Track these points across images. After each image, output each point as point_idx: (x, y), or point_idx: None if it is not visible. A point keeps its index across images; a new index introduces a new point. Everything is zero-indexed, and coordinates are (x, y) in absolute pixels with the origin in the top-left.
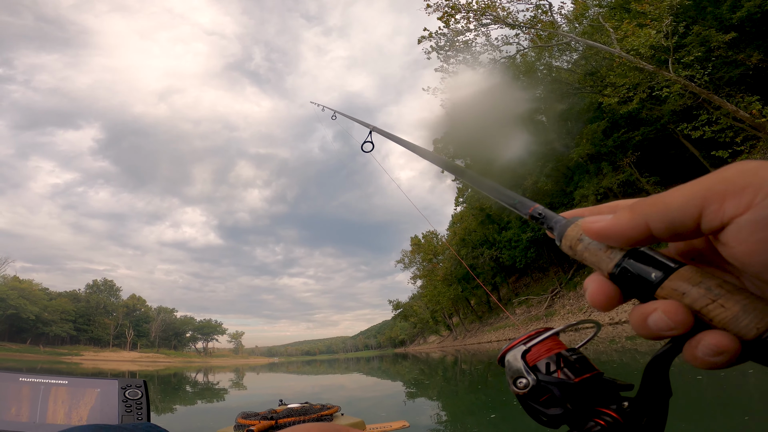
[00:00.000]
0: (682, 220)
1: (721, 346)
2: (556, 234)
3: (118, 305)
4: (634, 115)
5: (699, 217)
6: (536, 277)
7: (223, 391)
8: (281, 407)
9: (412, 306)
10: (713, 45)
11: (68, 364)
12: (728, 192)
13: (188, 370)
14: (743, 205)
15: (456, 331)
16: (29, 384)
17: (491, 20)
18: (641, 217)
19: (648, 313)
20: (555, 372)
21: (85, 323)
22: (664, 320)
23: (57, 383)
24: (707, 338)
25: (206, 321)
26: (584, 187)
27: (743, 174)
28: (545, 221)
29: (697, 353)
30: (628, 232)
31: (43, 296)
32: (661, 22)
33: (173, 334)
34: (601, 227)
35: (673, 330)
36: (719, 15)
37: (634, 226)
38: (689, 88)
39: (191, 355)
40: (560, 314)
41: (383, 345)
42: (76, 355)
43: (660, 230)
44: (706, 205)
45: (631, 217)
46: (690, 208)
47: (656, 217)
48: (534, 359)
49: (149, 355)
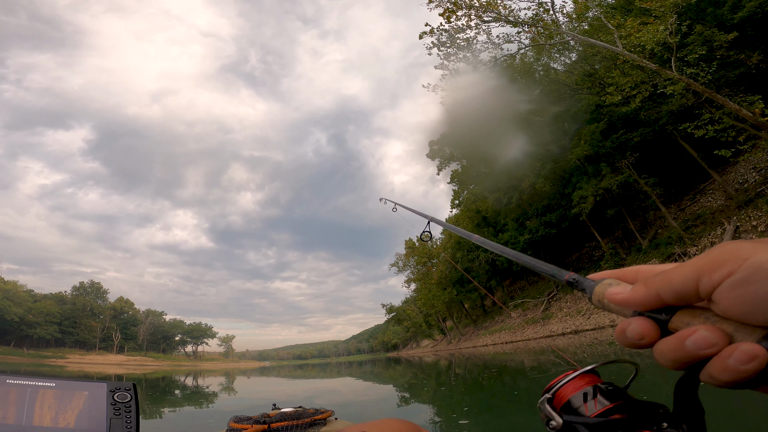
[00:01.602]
0: (684, 289)
1: (755, 350)
2: (587, 292)
3: (105, 308)
4: (632, 116)
5: (697, 286)
6: (531, 281)
7: (213, 395)
8: (274, 411)
9: (405, 310)
10: (715, 44)
11: (52, 366)
12: (714, 266)
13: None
14: (725, 272)
15: (450, 335)
16: (16, 386)
17: (493, 18)
18: (654, 290)
19: (687, 336)
20: (591, 400)
21: (71, 326)
22: (707, 335)
23: (44, 385)
24: (742, 347)
25: (196, 324)
26: (583, 189)
27: (724, 252)
28: (579, 284)
29: (729, 363)
30: (644, 302)
31: (27, 298)
32: (666, 20)
33: (162, 337)
34: (623, 299)
35: (712, 348)
36: (720, 15)
37: (649, 297)
38: (692, 87)
39: (180, 359)
40: (558, 317)
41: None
42: (61, 357)
43: (669, 298)
44: (700, 277)
45: (646, 291)
46: (689, 280)
47: (665, 290)
48: (569, 394)
49: (136, 359)
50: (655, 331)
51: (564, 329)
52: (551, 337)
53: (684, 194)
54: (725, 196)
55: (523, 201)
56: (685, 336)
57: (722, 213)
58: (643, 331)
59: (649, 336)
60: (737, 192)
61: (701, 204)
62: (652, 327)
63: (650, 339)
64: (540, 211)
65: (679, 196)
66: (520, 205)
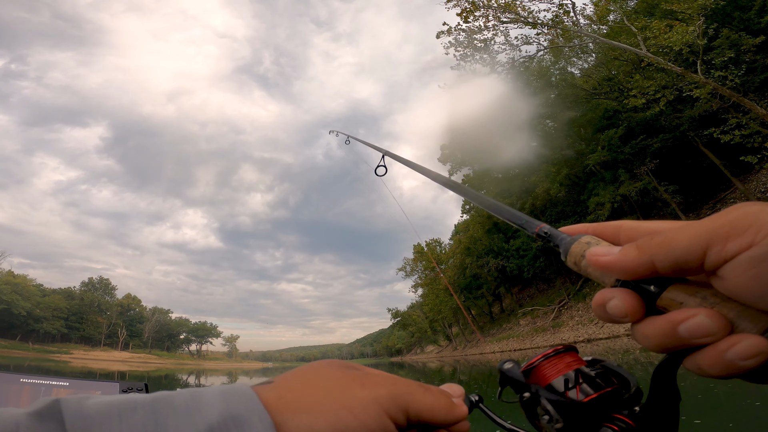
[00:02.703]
0: (686, 259)
1: (761, 345)
2: (561, 251)
3: (112, 304)
4: (652, 122)
5: (703, 256)
6: (541, 288)
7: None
8: None
9: (411, 315)
10: (743, 48)
11: (57, 362)
12: (731, 233)
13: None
14: (745, 244)
15: (456, 342)
16: (30, 385)
17: (511, 19)
18: (648, 255)
19: (680, 320)
20: (573, 388)
21: (77, 321)
22: (706, 323)
23: (58, 385)
24: (746, 340)
25: (201, 323)
26: (600, 195)
27: (745, 216)
28: (551, 239)
29: (727, 356)
30: (633, 269)
31: (36, 292)
32: (694, 22)
33: (167, 335)
34: (608, 262)
35: (711, 336)
36: (747, 20)
37: (641, 264)
38: (719, 91)
39: (184, 357)
40: (569, 325)
41: (379, 353)
42: (66, 353)
43: (665, 268)
44: (710, 246)
45: (637, 255)
46: (695, 248)
47: (662, 257)
48: (550, 376)
49: (141, 356)
50: (641, 307)
51: (576, 338)
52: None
53: (704, 203)
54: None
55: (537, 207)
56: (677, 320)
57: None
58: (627, 306)
59: (633, 313)
60: (761, 200)
61: None
62: (638, 303)
63: (635, 316)
64: (554, 217)
65: (698, 204)
66: (533, 211)
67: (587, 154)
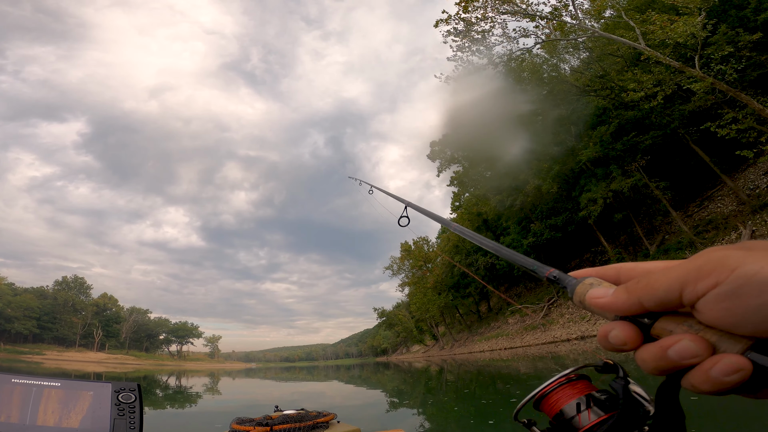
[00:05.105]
0: (667, 298)
1: (740, 363)
2: (568, 290)
3: (87, 304)
4: (643, 119)
5: (680, 295)
6: (529, 287)
7: (197, 395)
8: (276, 413)
9: (397, 314)
10: (740, 44)
11: (28, 363)
12: (700, 276)
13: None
14: (711, 284)
15: (442, 341)
16: (21, 385)
17: (510, 11)
18: (636, 297)
19: (669, 345)
20: (585, 411)
21: (50, 321)
22: (691, 346)
23: (50, 385)
24: (725, 359)
25: (182, 323)
26: (592, 191)
27: (710, 261)
28: (560, 282)
29: (711, 373)
30: (625, 308)
31: (8, 291)
32: (695, 17)
33: (145, 335)
34: (604, 303)
35: (695, 358)
36: (743, 17)
37: (631, 304)
38: (717, 86)
39: (163, 358)
40: (559, 323)
41: (364, 353)
42: (38, 354)
43: (651, 306)
44: (684, 286)
45: (627, 298)
46: (673, 289)
47: (647, 297)
48: (562, 403)
49: (117, 357)
50: (638, 336)
51: (569, 335)
52: (554, 343)
53: (691, 200)
54: (737, 202)
55: (527, 204)
56: (667, 345)
57: (735, 218)
58: (625, 336)
59: (631, 341)
60: (749, 197)
61: (710, 210)
62: (635, 332)
63: (633, 344)
64: (544, 214)
65: (686, 201)
66: (524, 207)
67: (579, 150)
